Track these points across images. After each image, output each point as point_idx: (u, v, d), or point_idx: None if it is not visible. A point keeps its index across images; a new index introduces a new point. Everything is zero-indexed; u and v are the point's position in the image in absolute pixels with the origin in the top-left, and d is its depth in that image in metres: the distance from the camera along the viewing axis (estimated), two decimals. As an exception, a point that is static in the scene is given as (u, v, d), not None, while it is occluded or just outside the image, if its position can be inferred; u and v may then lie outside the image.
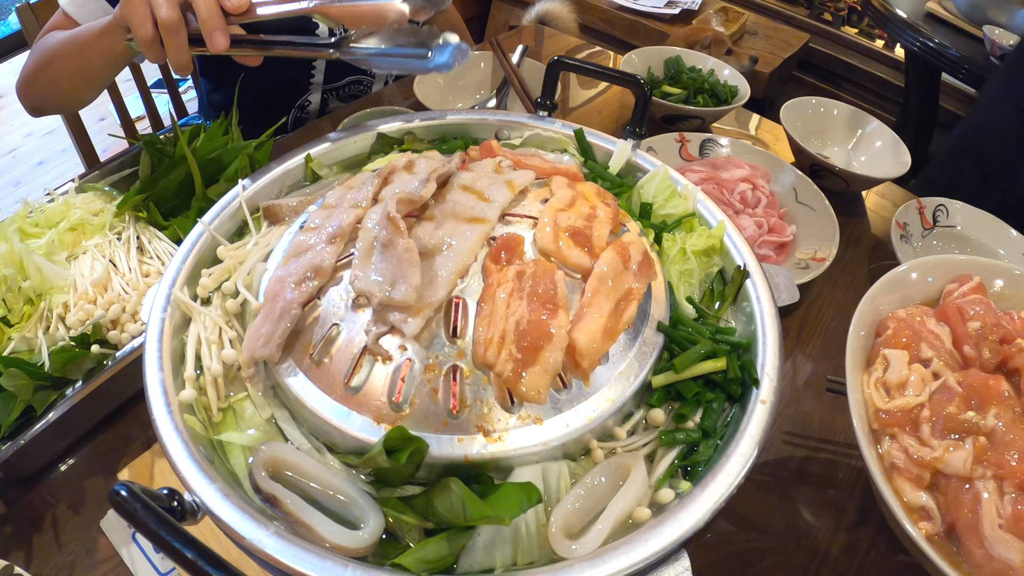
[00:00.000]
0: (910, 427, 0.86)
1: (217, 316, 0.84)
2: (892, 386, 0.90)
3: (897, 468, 0.84)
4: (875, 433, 0.88)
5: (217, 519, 0.64)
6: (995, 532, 0.78)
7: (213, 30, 1.04)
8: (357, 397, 0.71)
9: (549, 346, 0.71)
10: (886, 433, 0.87)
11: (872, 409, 0.89)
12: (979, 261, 1.06)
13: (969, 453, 0.82)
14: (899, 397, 0.88)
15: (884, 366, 0.92)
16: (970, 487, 0.81)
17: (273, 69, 1.57)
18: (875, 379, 0.91)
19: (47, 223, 1.24)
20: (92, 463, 1.06)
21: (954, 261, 1.06)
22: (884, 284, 1.01)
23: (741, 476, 0.69)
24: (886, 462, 0.86)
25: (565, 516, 0.68)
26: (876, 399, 0.89)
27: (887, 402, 0.88)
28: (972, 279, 1.02)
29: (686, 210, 0.99)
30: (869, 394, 0.91)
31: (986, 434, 0.84)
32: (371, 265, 0.75)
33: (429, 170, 0.85)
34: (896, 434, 0.86)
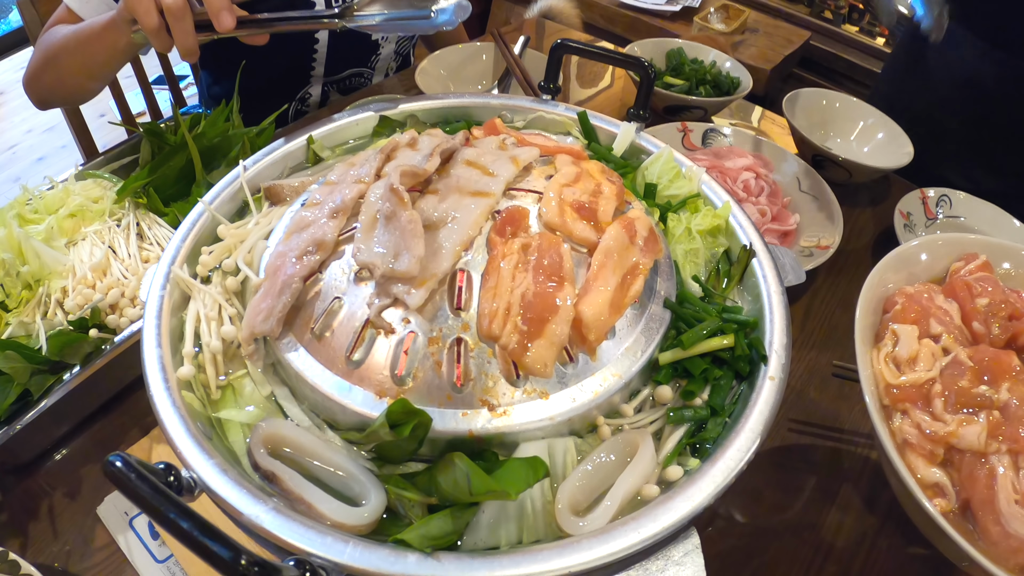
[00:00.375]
0: (922, 402, 0.85)
1: (217, 293, 0.83)
2: (902, 361, 0.89)
3: (910, 444, 0.83)
4: (886, 409, 0.87)
5: (214, 495, 0.63)
6: (1012, 508, 0.76)
7: (219, 10, 1.05)
8: (359, 371, 0.70)
9: (555, 318, 0.70)
10: (897, 409, 0.86)
11: (883, 385, 0.88)
12: (987, 240, 1.05)
13: (983, 427, 0.80)
14: (910, 372, 0.87)
15: (894, 341, 0.91)
16: (985, 462, 0.80)
17: (274, 60, 1.57)
18: (885, 354, 0.90)
19: (46, 209, 1.24)
20: (89, 450, 1.06)
21: (962, 240, 1.05)
22: (891, 260, 1.00)
23: (751, 452, 0.68)
24: (898, 438, 0.84)
25: (572, 493, 0.67)
26: (887, 374, 0.88)
27: (898, 377, 0.87)
28: (978, 257, 1.01)
29: (691, 191, 0.98)
30: (880, 369, 0.89)
31: (1000, 408, 0.83)
32: (374, 237, 0.74)
33: (433, 146, 0.84)
34: (908, 409, 0.85)
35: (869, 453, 1.12)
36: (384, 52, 1.88)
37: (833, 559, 1.00)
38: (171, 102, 2.08)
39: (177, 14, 1.07)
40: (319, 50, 1.72)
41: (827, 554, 1.00)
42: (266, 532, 0.61)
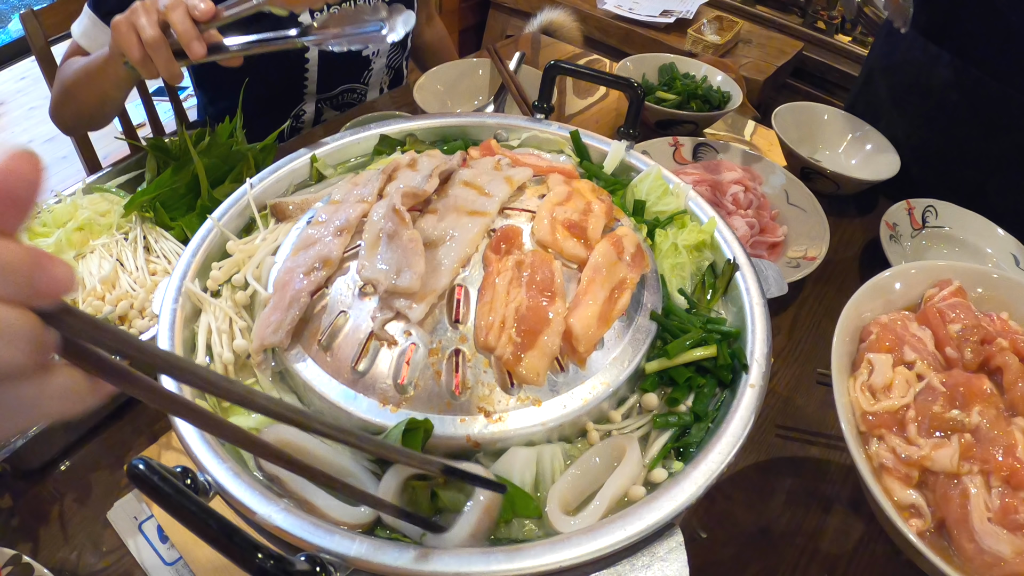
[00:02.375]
0: (897, 427, 0.88)
1: (228, 307, 0.87)
2: (877, 389, 0.92)
3: (886, 468, 0.86)
4: (863, 435, 0.90)
5: (229, 496, 0.67)
6: (984, 525, 0.79)
7: (189, 41, 1.16)
8: (364, 380, 0.74)
9: (547, 330, 0.74)
10: (874, 435, 0.89)
11: (859, 412, 0.91)
12: (959, 266, 1.08)
13: (955, 449, 0.83)
14: (885, 399, 0.90)
15: (869, 370, 0.94)
16: (958, 483, 0.82)
17: (266, 79, 1.61)
18: (861, 383, 0.93)
19: (55, 223, 1.27)
20: (98, 457, 1.08)
21: (935, 267, 1.08)
22: (866, 291, 1.03)
23: (732, 455, 0.72)
24: (875, 462, 0.87)
25: (561, 494, 0.71)
26: (862, 402, 0.91)
27: (873, 404, 0.90)
28: (952, 283, 1.04)
29: (678, 207, 1.02)
30: (856, 397, 0.92)
31: (971, 431, 0.85)
32: (377, 255, 0.78)
33: (432, 167, 0.88)
34: (883, 435, 0.88)
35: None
36: (376, 67, 1.92)
37: (818, 562, 1.03)
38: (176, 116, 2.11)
39: (155, 45, 1.18)
40: (310, 69, 1.75)
41: (812, 556, 1.03)
42: (278, 530, 0.64)
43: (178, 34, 1.16)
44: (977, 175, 1.67)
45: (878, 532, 1.05)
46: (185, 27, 1.16)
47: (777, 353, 1.32)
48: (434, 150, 1.01)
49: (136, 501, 1.02)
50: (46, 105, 1.65)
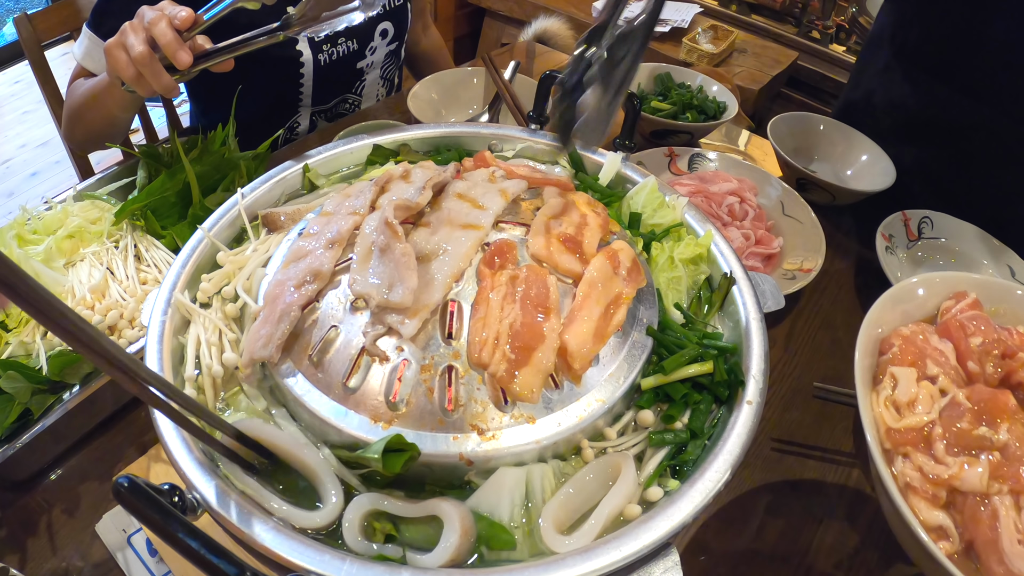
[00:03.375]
0: (923, 445, 0.85)
1: (217, 319, 0.85)
2: (902, 404, 0.89)
3: (912, 487, 0.83)
4: (887, 453, 0.86)
5: (217, 514, 0.66)
6: (1015, 547, 0.77)
7: (174, 52, 1.18)
8: (355, 396, 0.73)
9: (542, 347, 0.73)
10: (898, 452, 0.86)
11: (884, 428, 0.87)
12: (980, 279, 1.05)
13: (986, 469, 0.81)
14: (910, 415, 0.87)
15: (892, 384, 0.91)
16: (987, 503, 0.80)
17: (262, 91, 1.61)
18: (884, 398, 0.90)
19: (45, 230, 1.26)
20: (87, 468, 1.07)
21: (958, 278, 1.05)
22: (887, 299, 1.00)
23: (728, 474, 0.71)
24: (900, 482, 0.84)
25: (555, 512, 0.70)
26: (887, 418, 0.88)
27: (899, 421, 0.87)
28: (968, 295, 1.02)
29: (674, 220, 1.01)
30: (880, 413, 0.89)
31: (1000, 449, 0.83)
32: (369, 269, 0.77)
33: (425, 179, 0.88)
34: (909, 453, 0.85)
35: (850, 471, 1.15)
36: (369, 78, 1.91)
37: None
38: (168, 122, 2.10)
39: (144, 61, 1.19)
40: (305, 81, 1.74)
41: (808, 571, 1.03)
42: (266, 550, 0.63)
43: (162, 47, 1.18)
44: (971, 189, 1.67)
45: (873, 547, 1.05)
46: (167, 39, 1.17)
47: (772, 365, 1.31)
48: (428, 161, 1.00)
49: (125, 514, 1.01)
50: (40, 109, 1.67)
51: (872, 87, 1.81)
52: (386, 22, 1.82)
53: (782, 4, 3.32)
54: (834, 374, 1.31)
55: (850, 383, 1.23)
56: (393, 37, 1.87)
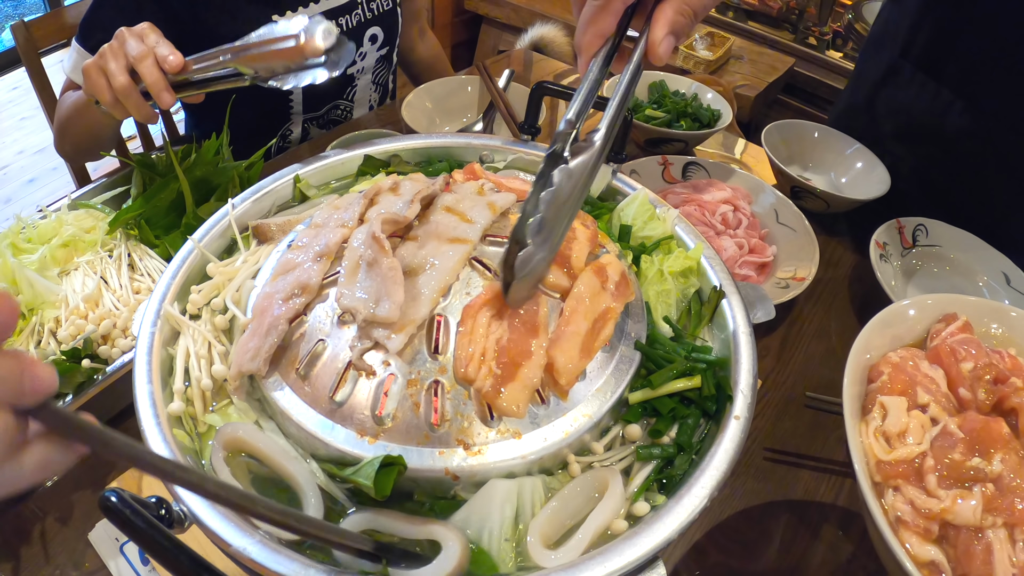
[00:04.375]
0: (914, 477, 0.83)
1: (207, 331, 0.86)
2: (892, 435, 0.86)
3: (903, 522, 0.80)
4: (877, 486, 0.84)
5: (204, 527, 0.66)
6: None
7: (159, 92, 1.19)
8: (341, 411, 0.74)
9: (528, 363, 0.73)
10: (889, 485, 0.83)
11: (873, 461, 0.85)
12: (974, 301, 1.04)
13: (979, 502, 0.79)
14: (900, 446, 0.85)
15: (882, 414, 0.89)
16: (981, 537, 0.78)
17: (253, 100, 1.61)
18: (874, 428, 0.88)
19: (40, 239, 1.26)
20: (80, 476, 1.07)
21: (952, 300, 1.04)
22: (874, 327, 0.99)
23: (715, 489, 0.71)
24: (891, 516, 0.82)
25: (542, 527, 0.70)
26: (877, 450, 0.86)
27: (889, 453, 0.85)
28: (958, 318, 1.00)
29: (664, 232, 1.01)
30: (869, 444, 0.87)
31: (993, 480, 0.81)
32: (356, 283, 0.77)
33: (414, 192, 0.88)
34: (900, 486, 0.83)
35: (843, 481, 1.15)
36: (360, 83, 1.91)
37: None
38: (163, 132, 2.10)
39: (125, 92, 1.21)
40: (295, 90, 1.74)
41: (801, 578, 1.03)
42: (253, 563, 0.64)
43: (148, 85, 1.18)
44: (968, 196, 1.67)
45: (865, 557, 1.05)
46: (154, 79, 1.18)
47: (766, 374, 1.31)
48: (417, 174, 1.00)
49: (116, 524, 1.01)
50: (37, 116, 1.69)
51: (870, 90, 1.81)
52: (375, 27, 1.83)
53: (779, 10, 3.32)
54: (827, 383, 1.31)
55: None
56: (383, 42, 1.88)
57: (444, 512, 0.72)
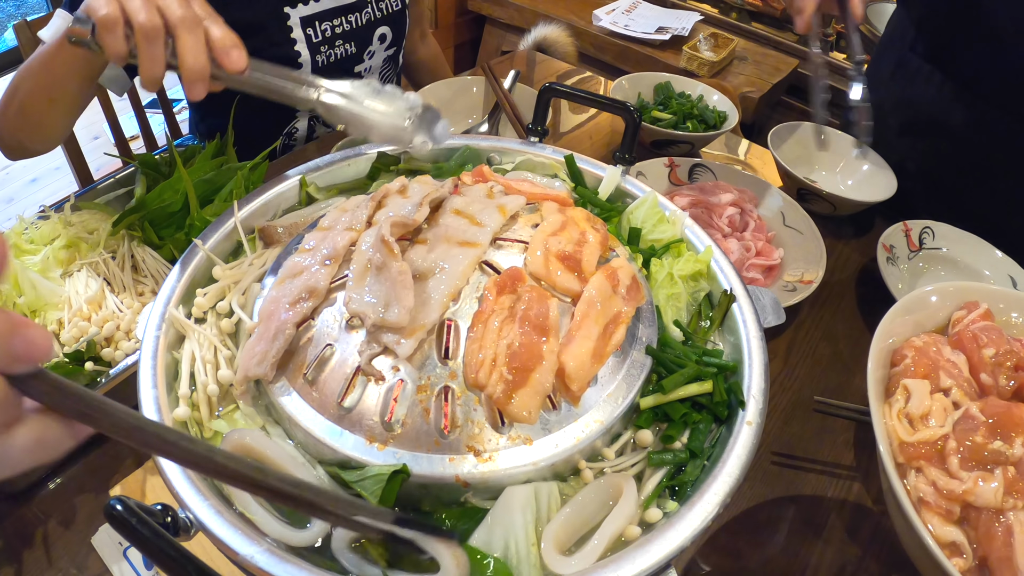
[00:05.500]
0: (936, 459, 0.84)
1: (212, 335, 0.85)
2: (915, 417, 0.87)
3: (925, 502, 0.82)
4: (900, 467, 0.86)
5: (211, 535, 0.65)
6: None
7: (194, 82, 0.95)
8: (350, 416, 0.73)
9: (540, 368, 0.72)
10: (912, 466, 0.85)
11: (897, 442, 0.86)
12: (995, 290, 1.05)
13: (1000, 484, 0.80)
14: (923, 428, 0.86)
15: (906, 396, 0.90)
16: (1002, 519, 0.79)
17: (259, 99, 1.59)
18: (897, 410, 0.89)
19: (42, 240, 1.25)
20: (83, 480, 1.06)
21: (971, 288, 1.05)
22: (900, 308, 0.99)
23: (728, 496, 0.70)
24: (913, 497, 0.83)
25: (556, 533, 0.69)
26: (900, 431, 0.87)
27: (912, 434, 0.86)
28: (980, 306, 1.01)
29: (674, 235, 1.00)
30: (892, 426, 0.88)
31: (1015, 464, 0.82)
32: (365, 287, 0.76)
33: (422, 194, 0.87)
34: (922, 467, 0.84)
35: (851, 485, 1.14)
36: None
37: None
38: (166, 132, 2.10)
39: (149, 33, 0.92)
40: None
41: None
42: (261, 572, 0.63)
43: (186, 68, 0.93)
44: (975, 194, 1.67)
45: (873, 561, 1.05)
46: (200, 64, 0.93)
47: (773, 378, 1.30)
48: (425, 176, 0.99)
49: (120, 528, 1.00)
50: None
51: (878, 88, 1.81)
52: (384, 26, 1.82)
53: (782, 12, 3.31)
54: (835, 387, 1.30)
55: (851, 396, 1.23)
56: (391, 42, 1.87)
57: (453, 521, 0.72)
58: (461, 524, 0.71)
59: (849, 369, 1.34)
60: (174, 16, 0.92)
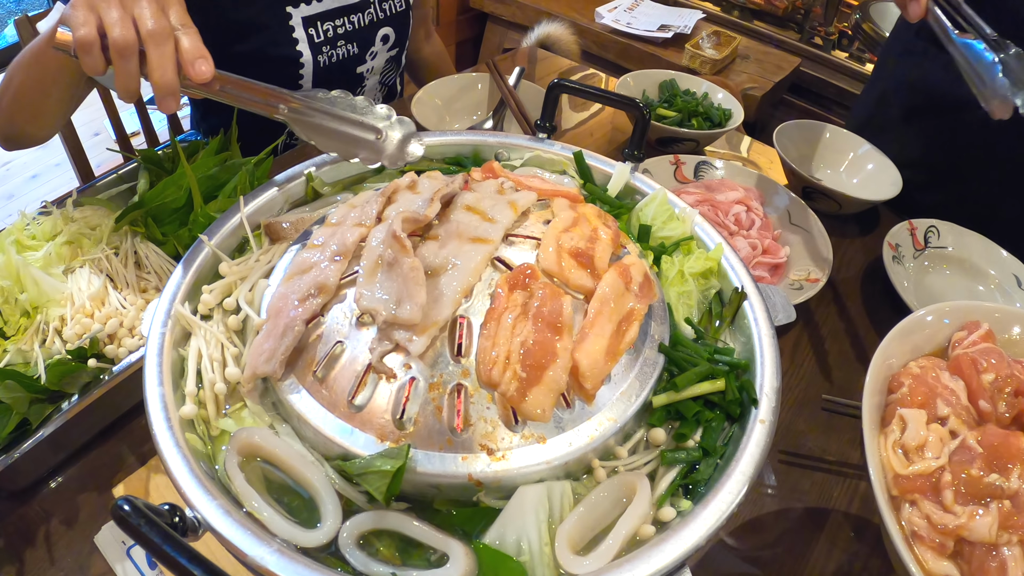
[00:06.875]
0: (931, 492, 0.83)
1: (219, 332, 0.84)
2: (910, 449, 0.87)
3: (919, 536, 0.81)
4: (894, 499, 0.85)
5: (219, 536, 0.64)
6: None
7: (164, 96, 0.92)
8: (361, 415, 0.72)
9: (554, 366, 0.71)
10: (906, 499, 0.84)
11: (891, 474, 0.86)
12: (995, 308, 1.04)
13: (995, 518, 0.79)
14: (918, 460, 0.85)
15: (901, 427, 0.89)
16: (996, 554, 0.79)
17: None
18: (892, 441, 0.88)
19: (44, 236, 1.24)
20: (86, 478, 1.06)
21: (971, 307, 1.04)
22: (897, 333, 0.98)
23: (741, 495, 0.70)
24: (907, 530, 0.82)
25: (569, 533, 0.69)
26: (895, 464, 0.86)
27: (907, 467, 0.85)
28: (980, 326, 0.99)
29: (684, 233, 1.00)
30: (887, 457, 0.87)
31: (1010, 497, 0.81)
32: (376, 283, 0.76)
33: (433, 190, 0.86)
34: (917, 500, 0.83)
35: (857, 483, 1.14)
36: (369, 84, 1.89)
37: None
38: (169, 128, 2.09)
39: (123, 49, 0.90)
40: (304, 84, 1.72)
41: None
42: (270, 573, 0.62)
43: (154, 83, 0.91)
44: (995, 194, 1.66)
45: (880, 560, 1.04)
46: (166, 79, 0.91)
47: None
48: (435, 171, 0.99)
49: (123, 526, 0.99)
50: None
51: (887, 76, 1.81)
52: (387, 27, 1.81)
53: (784, 10, 3.31)
54: (841, 385, 1.30)
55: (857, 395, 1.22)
56: (394, 43, 1.86)
57: (465, 520, 0.71)
58: (473, 524, 0.71)
59: (855, 368, 1.34)
60: (144, 30, 0.90)
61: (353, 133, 1.01)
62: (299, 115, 0.99)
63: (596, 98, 1.12)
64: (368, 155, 1.01)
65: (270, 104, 0.99)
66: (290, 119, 0.99)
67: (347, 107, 1.00)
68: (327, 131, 1.00)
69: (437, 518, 0.71)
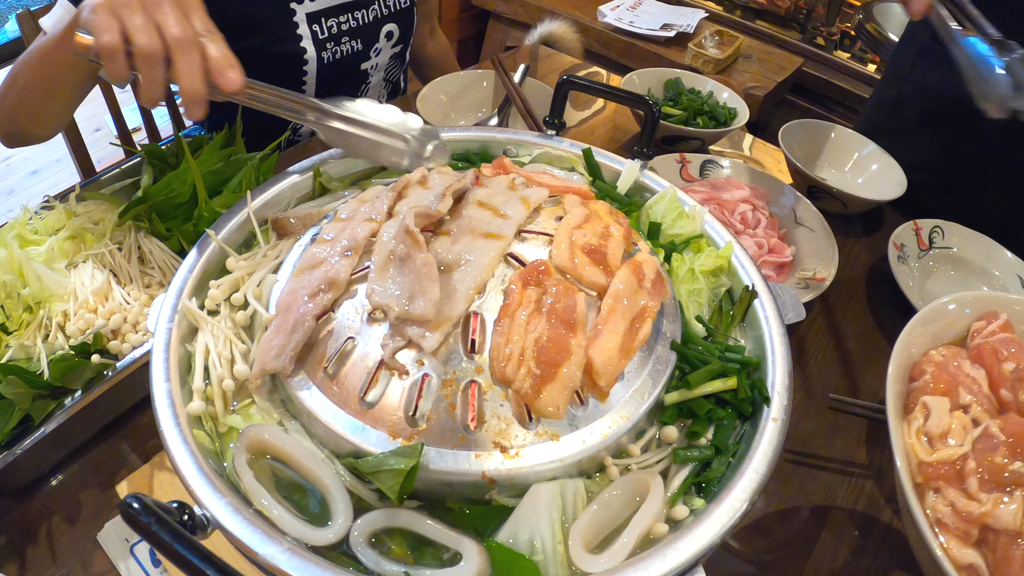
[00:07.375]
0: (955, 480, 0.83)
1: (227, 328, 0.83)
2: (934, 436, 0.86)
3: (943, 524, 0.80)
4: (918, 487, 0.84)
5: (228, 534, 0.64)
6: None
7: (192, 103, 0.90)
8: (373, 412, 0.71)
9: (568, 363, 0.71)
10: (930, 487, 0.83)
11: (915, 462, 0.85)
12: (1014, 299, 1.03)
13: (1020, 506, 0.79)
14: (942, 447, 0.85)
15: (925, 414, 0.88)
16: (1021, 542, 0.78)
17: None
18: (916, 428, 0.87)
19: (47, 230, 1.23)
20: (88, 475, 1.05)
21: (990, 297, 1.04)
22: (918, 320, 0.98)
23: (755, 493, 0.69)
24: (931, 518, 0.82)
25: (582, 531, 0.68)
26: (919, 451, 0.85)
27: (931, 454, 0.85)
28: (999, 316, 0.99)
29: (694, 230, 0.99)
30: (911, 444, 0.86)
31: None
32: (388, 279, 0.75)
33: (444, 185, 0.85)
34: (941, 488, 0.82)
35: (863, 483, 1.14)
36: (373, 81, 1.88)
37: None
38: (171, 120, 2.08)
39: (150, 59, 0.88)
40: (308, 82, 1.72)
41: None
42: (281, 572, 0.61)
43: (182, 89, 0.90)
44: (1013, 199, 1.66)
45: (886, 558, 1.04)
46: (195, 88, 0.89)
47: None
48: (445, 167, 0.98)
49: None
50: None
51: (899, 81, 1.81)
52: (391, 24, 1.80)
53: (787, 10, 3.30)
54: (846, 384, 1.30)
55: (863, 394, 1.23)
56: (398, 40, 1.85)
57: (478, 518, 0.70)
58: (486, 522, 0.70)
59: (860, 367, 1.33)
60: (171, 37, 0.88)
61: (381, 140, 1.02)
62: (328, 122, 1.00)
63: (605, 95, 1.12)
64: (396, 160, 1.03)
65: (298, 112, 0.99)
66: (318, 127, 1.00)
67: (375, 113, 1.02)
68: (355, 137, 1.02)
69: (450, 516, 0.71)
